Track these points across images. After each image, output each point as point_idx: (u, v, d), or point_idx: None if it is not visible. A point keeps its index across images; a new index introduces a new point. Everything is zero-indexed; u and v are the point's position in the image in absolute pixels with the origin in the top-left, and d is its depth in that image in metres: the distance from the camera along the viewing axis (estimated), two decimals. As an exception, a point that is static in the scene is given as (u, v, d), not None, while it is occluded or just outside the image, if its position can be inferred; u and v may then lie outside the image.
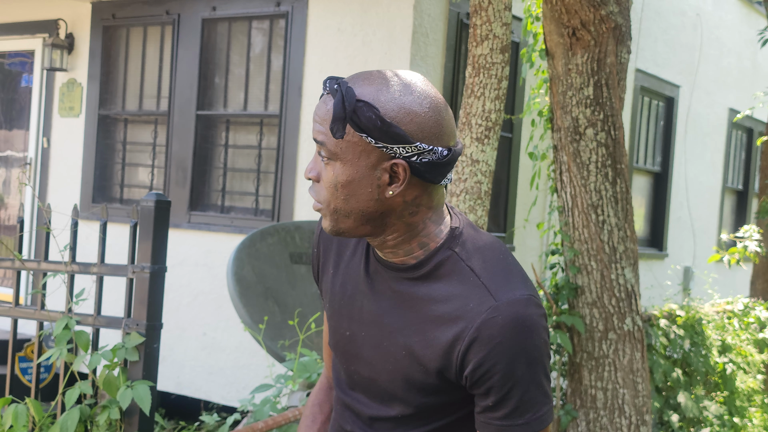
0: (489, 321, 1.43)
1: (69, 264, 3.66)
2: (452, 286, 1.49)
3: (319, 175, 1.50)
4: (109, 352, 3.46)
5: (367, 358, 1.58)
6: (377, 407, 1.59)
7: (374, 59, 5.63)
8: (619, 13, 4.59)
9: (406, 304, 1.53)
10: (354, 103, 1.43)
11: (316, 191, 1.52)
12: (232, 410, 5.92)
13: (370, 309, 1.58)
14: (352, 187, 1.46)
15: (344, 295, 1.64)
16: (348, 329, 1.62)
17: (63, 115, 7.10)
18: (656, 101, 8.67)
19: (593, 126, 4.60)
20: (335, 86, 1.45)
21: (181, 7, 6.47)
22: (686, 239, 9.23)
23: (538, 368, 1.45)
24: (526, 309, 1.44)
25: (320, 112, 1.47)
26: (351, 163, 1.45)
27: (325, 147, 1.46)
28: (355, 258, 1.64)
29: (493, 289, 1.46)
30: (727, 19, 9.91)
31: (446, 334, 1.47)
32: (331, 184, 1.47)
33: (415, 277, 1.52)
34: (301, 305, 4.56)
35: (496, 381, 1.44)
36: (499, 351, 1.43)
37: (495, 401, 1.45)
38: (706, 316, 6.01)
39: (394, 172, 1.46)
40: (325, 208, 1.51)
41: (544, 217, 6.64)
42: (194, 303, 6.27)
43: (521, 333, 1.43)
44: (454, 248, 1.52)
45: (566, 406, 4.77)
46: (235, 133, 6.37)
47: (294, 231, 4.96)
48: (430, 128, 1.45)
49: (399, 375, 1.53)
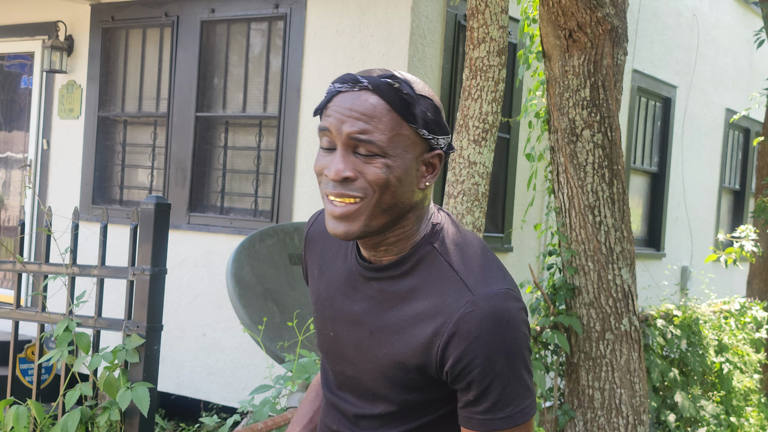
0: (467, 315, 1.45)
1: (70, 266, 3.69)
2: (431, 282, 1.51)
3: (357, 174, 1.45)
4: (109, 354, 3.49)
5: (350, 357, 1.60)
6: (362, 405, 1.61)
7: (372, 60, 5.65)
8: (616, 15, 4.62)
9: (387, 303, 1.54)
10: (414, 96, 1.44)
11: (350, 189, 1.46)
12: (232, 410, 5.95)
13: (352, 309, 1.60)
14: (402, 181, 1.46)
15: (328, 296, 1.66)
16: (332, 330, 1.64)
17: (63, 116, 7.12)
18: (653, 102, 8.70)
19: (590, 127, 4.62)
20: (389, 80, 1.44)
21: (180, 9, 6.49)
22: (683, 239, 9.26)
23: (518, 362, 1.46)
24: (504, 303, 1.46)
25: (361, 108, 1.43)
26: (401, 156, 1.45)
27: (372, 143, 1.43)
28: (338, 260, 1.65)
29: (470, 284, 1.47)
30: (723, 20, 9.94)
31: (425, 330, 1.49)
32: (380, 180, 1.44)
33: (396, 275, 1.54)
34: (300, 306, 4.59)
35: (477, 375, 1.45)
36: (478, 345, 1.44)
37: (476, 395, 1.46)
38: (702, 316, 6.04)
39: (430, 163, 1.49)
40: (363, 207, 1.46)
41: (542, 218, 6.67)
42: (194, 303, 6.29)
43: (500, 326, 1.44)
44: (434, 243, 1.54)
45: (564, 406, 4.80)
46: (234, 134, 6.40)
47: (293, 232, 4.99)
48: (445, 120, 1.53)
49: (381, 373, 1.55)
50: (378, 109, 1.43)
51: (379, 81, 1.43)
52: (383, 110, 1.43)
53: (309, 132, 5.88)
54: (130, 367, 3.52)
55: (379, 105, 1.43)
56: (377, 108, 1.43)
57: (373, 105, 1.43)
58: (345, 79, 1.45)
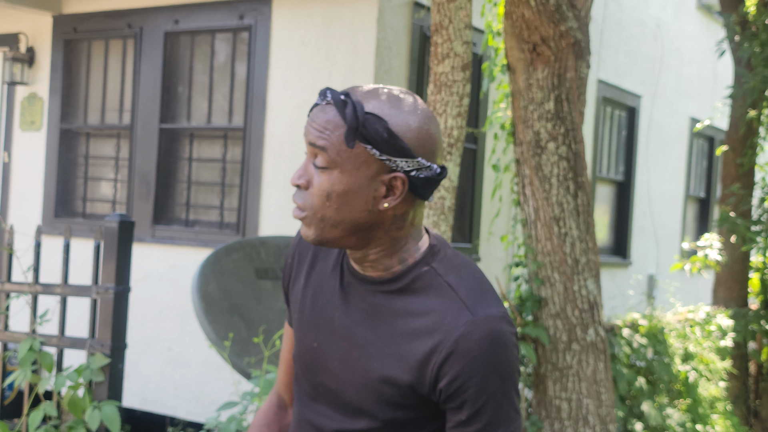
0: (467, 335, 1.46)
1: (33, 285, 3.64)
2: (429, 300, 1.51)
3: (309, 183, 1.51)
4: (74, 373, 3.44)
5: (334, 370, 1.59)
6: (342, 420, 1.59)
7: (338, 72, 5.64)
8: (579, 28, 4.65)
9: (380, 317, 1.54)
10: (364, 114, 1.46)
11: (302, 198, 1.52)
12: (198, 426, 5.90)
13: (341, 321, 1.59)
14: (347, 197, 1.48)
15: (314, 306, 1.64)
16: (315, 340, 1.63)
17: (24, 129, 7.04)
18: (618, 111, 8.77)
19: (554, 140, 4.65)
20: (341, 98, 1.47)
21: (143, 20, 6.45)
22: (650, 247, 9.33)
23: (510, 384, 1.48)
24: (501, 325, 1.48)
25: (320, 120, 1.48)
26: (350, 172, 1.47)
27: (325, 154, 1.47)
28: (328, 270, 1.65)
29: (470, 305, 1.49)
30: (687, 30, 10.05)
31: (421, 348, 1.49)
32: (324, 192, 1.48)
33: (391, 291, 1.54)
34: (266, 321, 4.56)
35: (471, 395, 1.46)
36: (475, 365, 1.45)
37: (468, 415, 1.47)
38: (668, 325, 6.09)
39: (391, 185, 1.49)
40: (311, 216, 1.51)
41: (509, 229, 6.69)
42: (159, 318, 6.24)
43: (496, 348, 1.46)
44: (432, 264, 1.54)
45: (532, 417, 4.81)
46: (199, 146, 6.36)
47: (259, 246, 4.96)
48: (429, 145, 1.50)
49: (367, 388, 1.54)
50: (332, 123, 1.47)
51: (337, 96, 1.47)
52: (337, 125, 1.47)
53: (275, 144, 5.85)
54: (94, 386, 3.48)
55: (334, 119, 1.47)
56: (332, 122, 1.47)
57: (329, 119, 1.47)
58: (320, 92, 1.51)
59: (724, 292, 7.54)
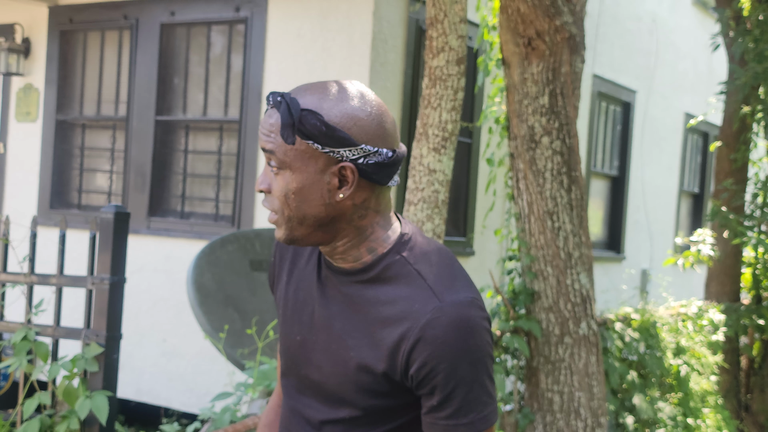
0: (433, 321, 1.48)
1: (28, 275, 3.66)
2: (399, 288, 1.54)
3: (270, 187, 1.55)
4: (68, 363, 3.46)
5: (317, 362, 1.62)
6: (327, 410, 1.63)
7: (334, 65, 5.66)
8: (574, 23, 4.66)
9: (355, 308, 1.57)
10: (299, 111, 1.49)
11: (269, 202, 1.56)
12: (193, 417, 5.92)
13: (321, 314, 1.62)
14: (303, 194, 1.52)
15: (296, 301, 1.68)
16: (299, 334, 1.66)
17: (20, 120, 7.05)
18: (613, 106, 8.79)
19: (548, 134, 4.67)
20: (278, 99, 1.51)
21: (139, 11, 6.45)
22: (643, 242, 9.37)
23: (481, 368, 1.51)
24: (469, 311, 1.50)
25: (266, 125, 1.53)
26: (300, 170, 1.51)
27: (275, 156, 1.52)
28: (308, 266, 1.69)
29: (438, 291, 1.51)
30: (682, 24, 10.06)
31: (392, 335, 1.52)
32: (282, 192, 1.53)
33: (363, 281, 1.57)
34: (261, 312, 4.58)
35: (440, 380, 1.49)
36: (443, 350, 1.48)
37: (439, 401, 1.50)
38: (660, 319, 6.11)
39: (342, 175, 1.51)
40: (279, 218, 1.55)
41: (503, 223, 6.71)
42: (154, 309, 6.26)
43: (464, 333, 1.48)
44: (402, 252, 1.57)
45: (524, 409, 4.84)
46: (194, 138, 6.37)
47: (254, 238, 4.98)
48: (374, 131, 1.52)
49: (347, 378, 1.57)
50: (275, 126, 1.51)
51: (275, 98, 1.52)
52: (278, 125, 1.51)
53: (270, 137, 5.86)
54: (89, 376, 3.50)
55: (276, 122, 1.51)
56: (275, 125, 1.51)
57: (272, 122, 1.52)
58: (266, 97, 1.55)
59: (716, 286, 7.57)
